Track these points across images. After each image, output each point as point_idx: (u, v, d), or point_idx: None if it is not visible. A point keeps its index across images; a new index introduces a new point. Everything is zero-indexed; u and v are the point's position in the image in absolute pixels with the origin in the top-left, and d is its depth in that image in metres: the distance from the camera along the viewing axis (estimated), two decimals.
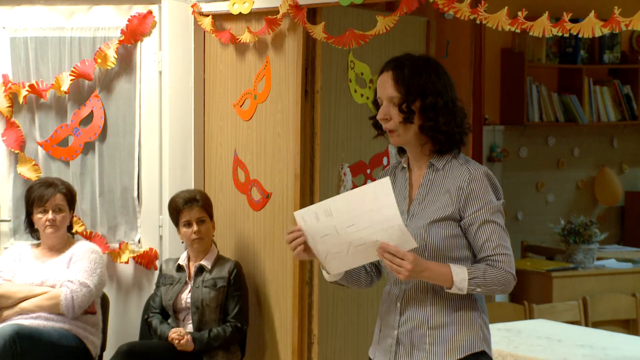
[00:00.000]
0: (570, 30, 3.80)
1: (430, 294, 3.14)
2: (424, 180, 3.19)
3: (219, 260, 5.30)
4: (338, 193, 5.28)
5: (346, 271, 3.24)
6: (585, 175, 8.10)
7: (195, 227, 5.23)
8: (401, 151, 3.32)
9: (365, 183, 5.41)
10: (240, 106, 5.50)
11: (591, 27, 3.74)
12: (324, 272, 3.24)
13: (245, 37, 5.32)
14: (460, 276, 3.05)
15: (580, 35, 3.77)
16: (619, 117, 7.93)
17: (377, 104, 3.23)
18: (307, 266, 5.20)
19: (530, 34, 3.92)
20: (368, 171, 5.45)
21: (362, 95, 5.40)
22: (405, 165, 3.27)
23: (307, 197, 5.17)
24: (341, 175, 5.31)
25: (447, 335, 3.12)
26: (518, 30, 3.94)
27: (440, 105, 3.12)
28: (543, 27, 3.88)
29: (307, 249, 3.13)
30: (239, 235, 5.54)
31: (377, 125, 3.25)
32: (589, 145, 8.08)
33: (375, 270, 3.39)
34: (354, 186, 5.34)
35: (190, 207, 5.24)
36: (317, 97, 5.15)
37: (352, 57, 5.32)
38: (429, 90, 3.12)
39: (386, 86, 3.17)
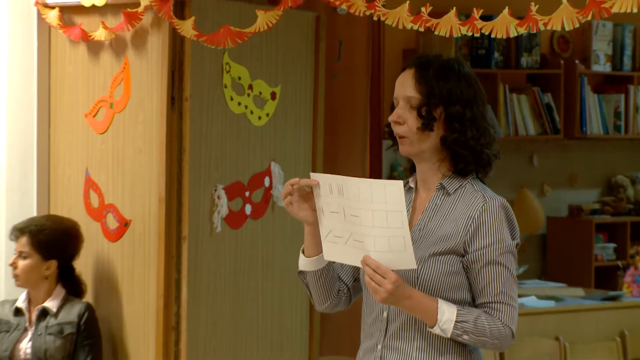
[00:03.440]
0: (481, 29, 3.87)
1: (417, 337, 3.11)
2: (429, 204, 3.17)
3: (67, 301, 5.23)
4: (211, 220, 5.27)
5: (323, 272, 3.23)
6: None
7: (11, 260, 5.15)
8: (413, 170, 3.29)
9: (243, 208, 5.41)
10: (94, 116, 5.46)
11: (505, 25, 3.81)
12: (300, 256, 3.24)
13: (100, 34, 5.29)
14: (446, 315, 3.02)
15: (493, 36, 3.84)
16: (540, 130, 8.07)
17: (392, 107, 3.20)
18: (173, 309, 5.16)
19: (436, 33, 3.97)
20: (247, 194, 5.46)
21: (239, 103, 5.41)
22: (412, 186, 3.26)
23: (173, 225, 5.17)
24: (215, 199, 5.30)
25: None
26: (422, 29, 3.99)
27: (468, 117, 3.11)
28: (450, 26, 3.94)
29: (310, 210, 3.15)
30: (91, 272, 5.46)
31: (393, 135, 3.21)
32: (506, 163, 8.12)
33: (347, 295, 3.36)
34: (230, 212, 5.33)
35: (16, 238, 5.16)
36: (186, 106, 5.15)
37: (228, 58, 5.32)
38: (455, 97, 3.11)
39: (405, 85, 3.15)
